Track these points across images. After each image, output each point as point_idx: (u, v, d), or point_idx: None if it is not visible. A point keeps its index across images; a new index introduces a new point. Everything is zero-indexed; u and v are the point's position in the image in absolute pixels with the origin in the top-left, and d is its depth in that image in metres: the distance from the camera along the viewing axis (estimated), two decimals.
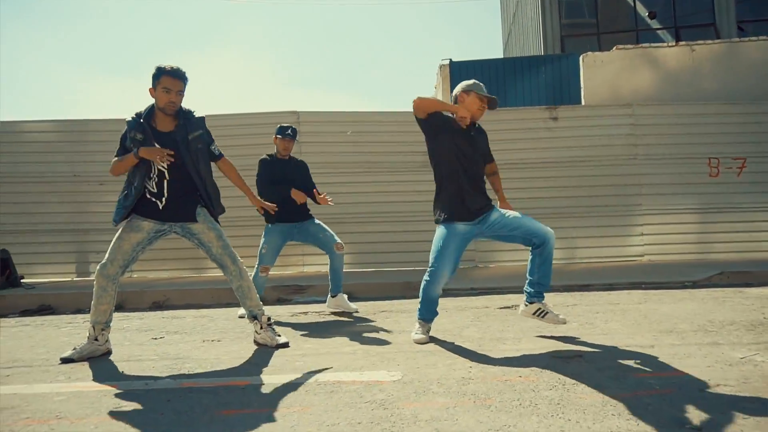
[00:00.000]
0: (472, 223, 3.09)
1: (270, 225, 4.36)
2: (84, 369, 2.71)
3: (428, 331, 3.19)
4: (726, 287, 5.11)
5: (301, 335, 3.45)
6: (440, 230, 3.10)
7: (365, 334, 3.39)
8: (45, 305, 5.52)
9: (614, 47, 8.40)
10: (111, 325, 3.07)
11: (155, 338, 3.49)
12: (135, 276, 7.17)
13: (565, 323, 3.17)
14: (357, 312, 4.43)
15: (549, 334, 3.18)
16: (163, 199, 2.96)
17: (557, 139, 7.42)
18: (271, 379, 2.40)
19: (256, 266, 4.37)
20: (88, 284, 6.43)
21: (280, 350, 2.96)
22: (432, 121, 3.12)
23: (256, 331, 3.16)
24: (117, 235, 2.97)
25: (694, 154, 7.42)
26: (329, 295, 4.55)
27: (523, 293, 3.26)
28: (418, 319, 3.19)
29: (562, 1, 11.57)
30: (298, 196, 4.21)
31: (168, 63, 2.95)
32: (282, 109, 7.47)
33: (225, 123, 7.42)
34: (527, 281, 3.21)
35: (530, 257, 3.17)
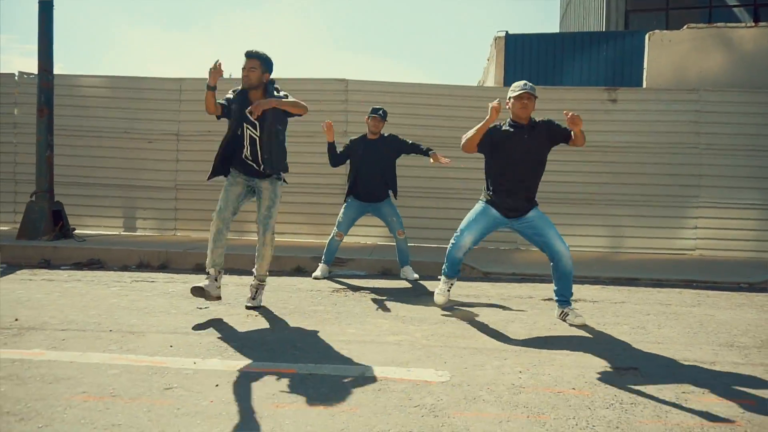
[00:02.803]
0: (505, 217, 3.46)
1: (348, 200, 4.91)
2: (134, 339, 2.76)
3: (450, 287, 3.76)
4: None
5: (344, 317, 3.44)
6: (478, 205, 3.53)
7: (408, 322, 3.35)
8: (95, 259, 5.68)
9: (685, 26, 7.86)
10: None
11: (200, 308, 3.54)
12: (179, 234, 7.32)
13: (581, 324, 3.31)
14: (417, 279, 4.97)
15: (598, 339, 3.07)
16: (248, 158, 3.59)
17: (615, 122, 7.06)
18: (317, 369, 2.39)
19: (333, 230, 5.01)
20: (134, 241, 6.63)
21: (326, 336, 2.94)
22: (484, 149, 3.43)
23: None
24: (223, 187, 3.63)
25: (761, 146, 6.95)
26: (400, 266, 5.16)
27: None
28: (443, 275, 3.72)
29: None
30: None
31: (252, 48, 3.57)
32: (330, 76, 7.33)
33: None
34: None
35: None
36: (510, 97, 3.37)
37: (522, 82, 3.36)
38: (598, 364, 2.57)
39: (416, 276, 4.99)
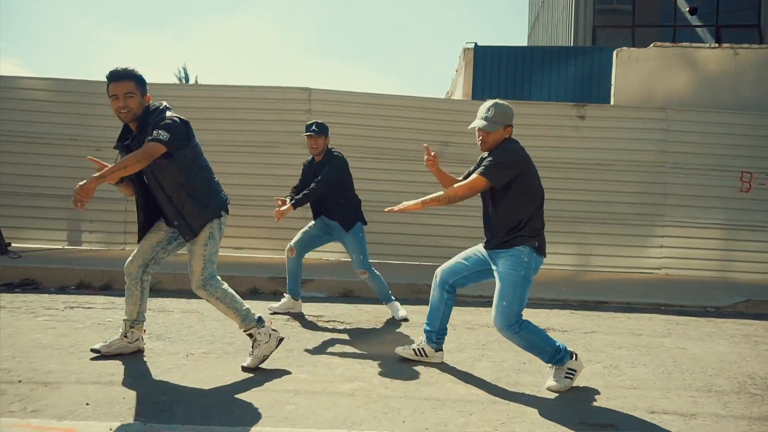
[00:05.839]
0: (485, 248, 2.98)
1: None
2: (45, 393, 2.38)
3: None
4: (754, 319, 4.76)
5: (295, 357, 3.12)
6: None
7: (366, 363, 3.06)
8: (29, 279, 5.21)
9: (651, 44, 7.86)
10: (143, 321, 3.04)
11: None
12: (128, 249, 6.86)
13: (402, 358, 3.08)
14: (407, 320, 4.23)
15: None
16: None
17: (583, 139, 6.97)
18: None
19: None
20: (75, 258, 6.13)
21: (272, 385, 2.62)
22: None
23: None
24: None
25: (726, 167, 6.97)
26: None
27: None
28: None
29: None
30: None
31: (116, 66, 2.58)
32: (293, 84, 7.01)
33: (232, 95, 7.00)
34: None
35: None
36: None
37: (480, 109, 2.82)
38: (572, 420, 2.34)
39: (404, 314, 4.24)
